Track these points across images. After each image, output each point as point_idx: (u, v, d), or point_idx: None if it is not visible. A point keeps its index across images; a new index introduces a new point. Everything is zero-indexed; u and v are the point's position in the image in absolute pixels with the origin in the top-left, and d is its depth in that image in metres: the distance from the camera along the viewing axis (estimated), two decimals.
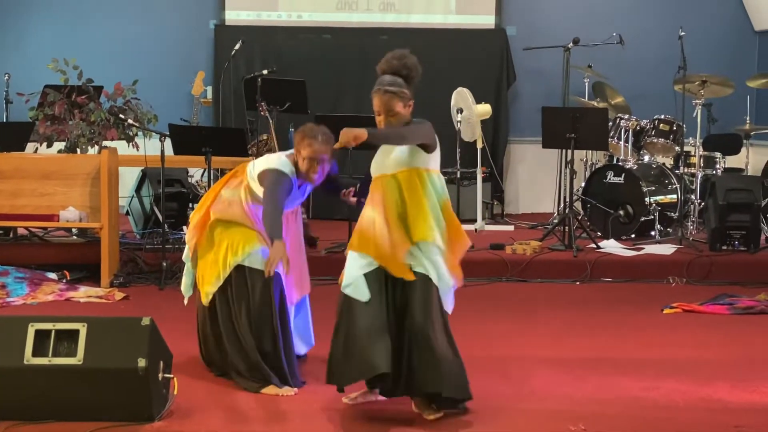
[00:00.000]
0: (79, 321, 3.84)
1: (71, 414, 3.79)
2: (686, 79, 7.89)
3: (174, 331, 5.13)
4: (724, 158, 8.37)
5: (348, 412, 4.07)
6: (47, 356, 3.76)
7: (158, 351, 3.91)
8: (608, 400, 4.25)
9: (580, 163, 8.89)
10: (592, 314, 5.98)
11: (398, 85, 4.00)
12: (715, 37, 9.57)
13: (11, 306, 5.96)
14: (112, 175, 6.68)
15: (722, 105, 8.95)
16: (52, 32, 9.49)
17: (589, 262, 7.05)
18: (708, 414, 4.07)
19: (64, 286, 6.43)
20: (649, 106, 8.71)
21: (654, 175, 8.02)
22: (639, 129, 8.35)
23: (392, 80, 4.01)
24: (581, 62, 8.85)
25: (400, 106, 3.99)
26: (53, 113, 7.24)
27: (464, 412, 4.00)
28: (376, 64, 4.15)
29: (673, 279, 6.94)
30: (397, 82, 4.01)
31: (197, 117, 8.99)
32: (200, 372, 4.61)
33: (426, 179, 3.99)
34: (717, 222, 7.35)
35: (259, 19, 9.72)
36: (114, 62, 9.07)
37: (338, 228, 7.29)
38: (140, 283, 6.62)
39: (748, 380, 4.53)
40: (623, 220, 7.90)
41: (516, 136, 9.69)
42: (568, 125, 7.48)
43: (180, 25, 9.66)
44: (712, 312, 6.03)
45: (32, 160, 6.85)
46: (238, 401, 4.21)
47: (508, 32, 9.62)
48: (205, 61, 9.55)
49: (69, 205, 6.61)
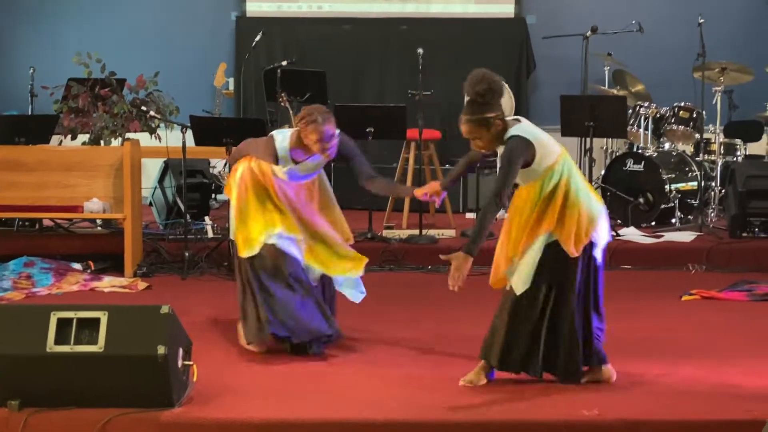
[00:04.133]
0: (99, 309, 3.91)
1: (92, 401, 3.86)
2: (705, 66, 7.86)
3: (196, 320, 5.25)
4: (744, 145, 8.35)
5: (374, 386, 4.14)
6: (69, 344, 3.83)
7: (178, 338, 3.99)
8: (622, 385, 4.28)
9: (600, 151, 8.89)
10: (610, 301, 5.91)
11: (478, 113, 4.08)
12: (736, 23, 9.52)
13: (37, 296, 6.06)
14: (134, 167, 6.77)
15: (743, 92, 8.91)
16: (75, 26, 9.59)
17: (609, 250, 7.01)
18: (721, 398, 4.09)
19: (89, 276, 6.52)
20: (670, 93, 8.69)
21: (674, 162, 8.00)
22: (659, 116, 8.34)
23: (471, 109, 4.10)
24: (601, 50, 8.84)
25: (484, 131, 4.10)
26: (77, 106, 7.33)
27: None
28: (396, 53, 4.26)
29: (692, 266, 6.93)
30: (475, 111, 4.09)
31: (220, 108, 9.07)
32: (220, 359, 4.69)
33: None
34: (737, 209, 7.33)
35: (279, 10, 9.79)
36: (137, 54, 9.16)
37: (359, 218, 7.34)
38: (163, 273, 6.70)
39: (763, 366, 4.54)
40: (643, 207, 7.90)
41: (536, 124, 9.64)
42: (586, 113, 7.49)
43: (202, 17, 9.75)
44: (730, 298, 6.03)
45: (57, 153, 6.95)
46: (258, 387, 4.28)
47: (527, 21, 9.63)
48: (227, 52, 9.63)
49: (93, 196, 6.71)
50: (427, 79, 7.56)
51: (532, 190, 4.18)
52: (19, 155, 6.83)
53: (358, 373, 4.49)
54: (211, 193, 8.22)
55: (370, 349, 4.88)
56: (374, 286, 5.02)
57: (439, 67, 8.87)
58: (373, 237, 7.19)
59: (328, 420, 3.89)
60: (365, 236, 7.16)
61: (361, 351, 4.85)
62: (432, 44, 8.65)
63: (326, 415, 3.93)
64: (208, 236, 7.19)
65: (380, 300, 5.82)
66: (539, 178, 4.15)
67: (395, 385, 4.29)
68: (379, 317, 5.49)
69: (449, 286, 3.99)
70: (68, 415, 3.85)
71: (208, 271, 6.70)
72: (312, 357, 4.69)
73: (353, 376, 4.44)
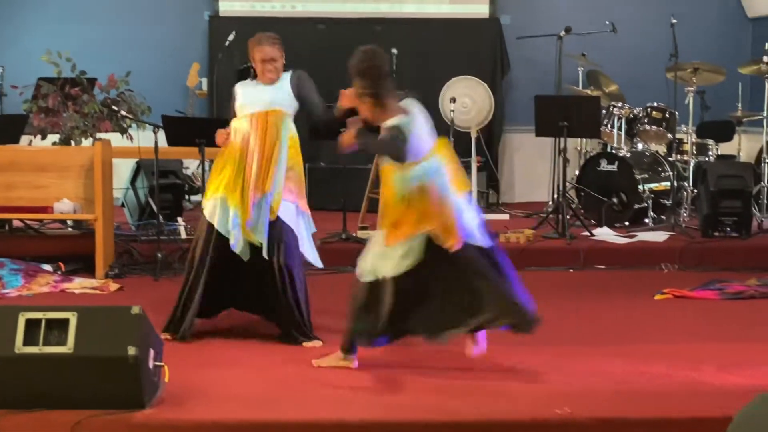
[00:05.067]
0: (69, 310, 3.87)
1: (62, 402, 3.82)
2: (678, 66, 7.91)
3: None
4: (717, 145, 8.40)
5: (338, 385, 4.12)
6: (38, 345, 3.79)
7: (149, 339, 3.95)
8: (595, 384, 4.29)
9: (575, 152, 8.92)
10: (584, 301, 6.02)
11: (363, 88, 4.43)
12: (709, 24, 9.60)
13: (6, 297, 5.99)
14: (105, 167, 6.71)
15: (715, 92, 8.96)
16: (46, 25, 9.50)
17: (583, 250, 7.09)
18: (694, 397, 4.11)
19: (59, 277, 6.46)
20: (643, 93, 8.72)
21: (647, 162, 8.04)
22: (632, 117, 8.38)
23: (360, 82, 4.45)
24: (575, 51, 8.87)
25: (364, 103, 4.43)
26: (47, 106, 7.26)
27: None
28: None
29: (665, 266, 6.97)
30: (363, 84, 4.44)
31: (193, 108, 9.02)
32: (192, 360, 4.65)
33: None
34: (709, 209, 7.38)
35: (253, 9, 9.74)
36: (109, 54, 9.08)
37: (333, 219, 7.32)
38: (135, 274, 6.65)
39: (734, 364, 4.57)
40: (617, 207, 7.93)
41: (511, 125, 9.72)
42: (560, 114, 7.51)
43: (175, 17, 9.69)
44: (702, 297, 6.06)
45: (26, 153, 6.88)
46: (230, 388, 4.25)
47: (502, 21, 9.64)
48: (200, 52, 9.57)
49: (63, 197, 6.64)
50: (401, 79, 7.56)
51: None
52: None
53: (333, 373, 4.47)
54: (184, 194, 8.17)
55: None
56: (348, 287, 4.99)
57: (413, 67, 8.86)
58: (347, 238, 7.16)
59: (301, 421, 3.87)
60: (339, 237, 7.14)
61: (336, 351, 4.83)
62: (406, 44, 8.65)
63: (299, 416, 3.91)
64: (182, 237, 7.15)
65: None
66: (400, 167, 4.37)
67: (368, 385, 4.28)
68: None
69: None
70: (38, 416, 3.81)
71: (181, 272, 6.62)
72: (285, 361, 4.67)
73: (328, 377, 4.41)
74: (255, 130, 4.97)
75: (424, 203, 4.32)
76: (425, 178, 4.34)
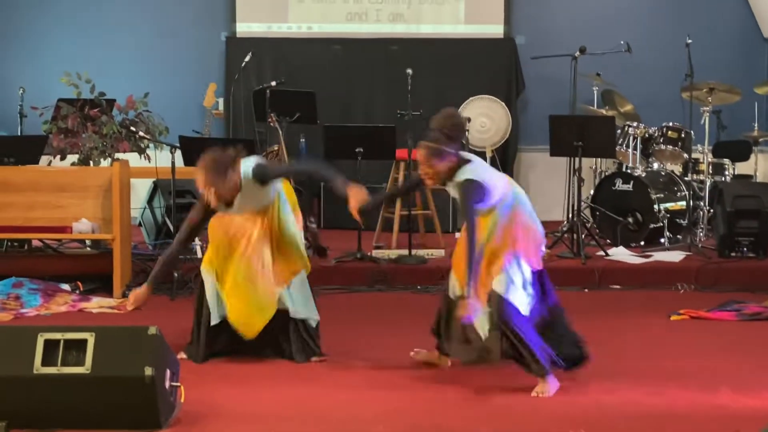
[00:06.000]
0: (87, 331, 3.90)
1: (79, 422, 3.85)
2: (693, 86, 7.92)
3: (184, 341, 5.23)
4: (733, 165, 8.39)
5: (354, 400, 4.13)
6: (56, 365, 3.82)
7: (165, 359, 3.98)
8: (610, 404, 4.29)
9: (589, 171, 8.92)
10: (598, 321, 6.01)
11: (438, 143, 4.38)
12: (725, 44, 9.59)
13: (25, 317, 6.04)
14: (123, 187, 6.77)
15: (731, 112, 8.97)
16: (65, 46, 9.61)
17: (598, 270, 7.08)
18: (710, 420, 4.09)
19: (77, 297, 6.51)
20: (658, 113, 8.73)
21: (663, 182, 8.03)
22: (647, 136, 8.38)
23: (434, 137, 4.40)
24: (590, 70, 8.89)
25: (436, 162, 4.38)
26: (66, 126, 7.34)
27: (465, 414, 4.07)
28: (385, 74, 4.50)
29: (681, 286, 6.95)
30: (438, 140, 4.38)
31: (209, 129, 9.08)
32: (208, 380, 4.67)
33: None
34: (725, 229, 7.36)
35: (269, 30, 9.82)
36: (127, 75, 9.18)
37: (348, 238, 7.34)
38: (152, 294, 6.66)
39: (750, 386, 4.55)
40: (632, 227, 7.92)
41: (525, 144, 9.74)
42: (575, 133, 7.51)
43: (192, 38, 9.78)
44: (719, 318, 6.04)
45: (46, 173, 6.95)
46: (245, 409, 4.27)
47: (516, 41, 9.68)
48: (217, 73, 9.65)
49: (82, 216, 6.70)
50: (417, 99, 7.59)
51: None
52: (8, 176, 6.82)
53: (347, 395, 4.48)
54: None
55: (359, 371, 4.87)
56: (363, 306, 5.03)
57: (428, 87, 8.91)
58: (362, 257, 7.18)
59: None
60: (354, 256, 7.16)
61: (350, 373, 4.84)
62: (421, 64, 8.69)
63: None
64: (198, 256, 7.17)
65: (369, 320, 5.82)
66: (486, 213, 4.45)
67: (383, 407, 4.29)
68: (368, 338, 5.48)
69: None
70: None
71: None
72: (299, 380, 4.68)
73: (341, 399, 4.42)
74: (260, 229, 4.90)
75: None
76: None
